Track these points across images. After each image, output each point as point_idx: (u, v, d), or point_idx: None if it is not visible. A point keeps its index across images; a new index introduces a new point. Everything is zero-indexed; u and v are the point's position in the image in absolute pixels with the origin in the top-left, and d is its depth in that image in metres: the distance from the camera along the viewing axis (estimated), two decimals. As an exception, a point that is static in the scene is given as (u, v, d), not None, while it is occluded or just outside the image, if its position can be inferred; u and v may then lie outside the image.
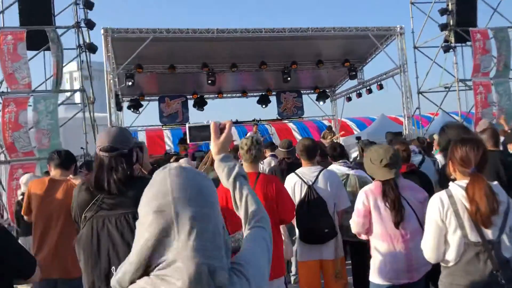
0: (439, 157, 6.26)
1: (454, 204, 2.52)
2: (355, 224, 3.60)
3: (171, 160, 8.17)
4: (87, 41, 11.84)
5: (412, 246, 3.39)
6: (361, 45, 17.50)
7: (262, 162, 7.77)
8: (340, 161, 5.25)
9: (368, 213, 3.49)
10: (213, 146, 1.79)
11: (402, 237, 3.41)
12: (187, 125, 1.87)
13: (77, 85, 13.67)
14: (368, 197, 3.49)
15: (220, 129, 1.80)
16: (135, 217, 2.45)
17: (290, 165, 6.03)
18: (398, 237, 3.41)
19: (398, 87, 16.31)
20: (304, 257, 4.48)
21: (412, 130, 16.12)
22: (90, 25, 11.66)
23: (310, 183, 4.24)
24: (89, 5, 11.59)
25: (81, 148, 11.59)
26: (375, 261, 3.54)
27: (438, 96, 16.68)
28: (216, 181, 5.23)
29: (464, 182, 2.59)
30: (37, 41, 11.36)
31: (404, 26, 15.95)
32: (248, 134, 16.44)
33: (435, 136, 6.07)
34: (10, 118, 10.58)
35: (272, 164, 7.26)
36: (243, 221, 1.56)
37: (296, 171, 4.48)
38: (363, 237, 3.65)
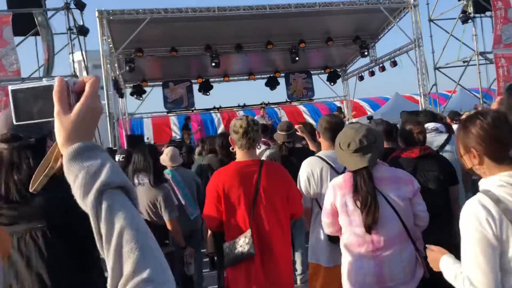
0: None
1: (508, 212, 1.68)
2: (324, 224, 2.96)
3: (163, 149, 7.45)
4: (81, 24, 11.06)
5: (386, 258, 2.65)
6: (373, 20, 16.50)
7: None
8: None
9: (335, 212, 2.81)
10: (59, 128, 0.94)
11: (372, 245, 2.67)
12: (9, 88, 0.96)
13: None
14: (335, 192, 2.80)
15: (76, 93, 0.98)
16: (46, 233, 1.77)
17: (291, 151, 5.26)
18: (368, 244, 2.68)
19: (413, 63, 15.36)
20: (333, 261, 3.42)
21: (429, 108, 15.16)
22: (80, 5, 10.93)
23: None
24: (78, -15, 10.84)
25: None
26: (343, 270, 2.86)
27: (456, 72, 15.74)
28: (207, 168, 4.46)
29: (508, 174, 1.75)
30: (26, 26, 10.66)
31: (419, -2, 14.92)
32: (255, 118, 15.63)
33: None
34: (-1, 108, 9.97)
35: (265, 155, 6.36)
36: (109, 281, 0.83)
37: (319, 154, 3.63)
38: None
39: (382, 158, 3.19)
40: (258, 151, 6.41)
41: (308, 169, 3.52)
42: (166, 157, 5.37)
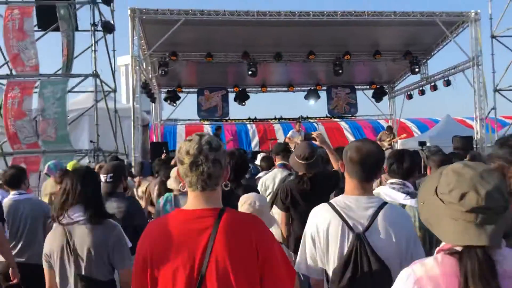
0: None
1: None
2: None
3: (171, 162, 6.48)
4: (107, 20, 10.33)
5: None
6: (426, 34, 15.09)
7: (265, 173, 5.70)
8: (396, 180, 3.15)
9: None
10: None
11: None
12: None
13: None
14: None
15: None
16: None
17: (314, 184, 4.02)
18: None
19: (470, 83, 13.81)
20: None
21: (484, 135, 13.58)
22: (107, 0, 10.18)
23: (360, 228, 2.24)
24: (107, -22, 10.12)
25: (91, 141, 10.18)
26: None
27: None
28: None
29: None
30: (50, 20, 10.02)
31: (480, 11, 13.42)
32: (290, 133, 14.58)
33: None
34: (13, 105, 9.35)
35: (278, 178, 4.98)
36: None
37: (333, 201, 2.40)
38: None
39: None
40: (268, 176, 5.30)
41: (314, 222, 2.35)
42: (173, 180, 4.34)
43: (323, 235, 2.26)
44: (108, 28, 10.13)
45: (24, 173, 4.65)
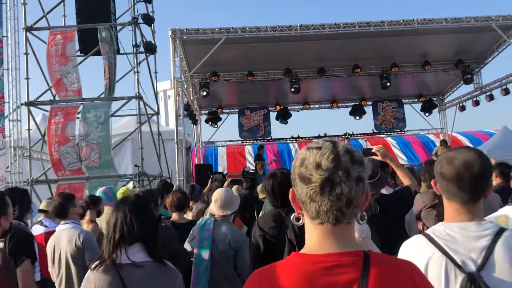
0: None
1: None
2: None
3: (225, 184, 5.97)
4: (148, 41, 10.08)
5: None
6: (479, 40, 14.19)
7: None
8: None
9: None
10: None
11: None
12: None
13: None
14: None
15: None
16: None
17: (384, 207, 3.37)
18: None
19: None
20: None
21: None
22: (148, 20, 9.96)
23: (473, 266, 1.63)
24: (147, -2, 9.90)
25: (135, 165, 9.84)
26: None
27: None
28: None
29: None
30: (91, 44, 9.88)
31: (541, 13, 12.46)
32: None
33: None
34: (56, 131, 9.14)
35: None
36: None
37: (430, 231, 1.77)
38: None
39: None
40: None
41: (409, 256, 1.70)
42: (214, 203, 3.84)
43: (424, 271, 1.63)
44: (151, 48, 9.91)
45: (69, 201, 4.23)
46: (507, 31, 13.13)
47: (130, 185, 10.09)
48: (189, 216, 6.45)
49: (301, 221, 1.25)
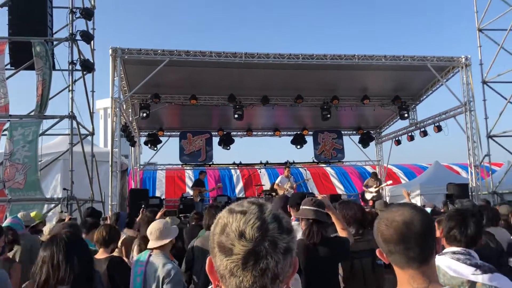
0: None
1: None
2: None
3: (157, 216, 5.67)
4: (86, 58, 9.64)
5: None
6: (416, 78, 14.88)
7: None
8: (459, 249, 2.38)
9: None
10: None
11: None
12: None
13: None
14: None
15: None
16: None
17: (324, 249, 3.37)
18: None
19: (462, 129, 13.45)
20: None
21: (480, 182, 13.10)
22: (87, 37, 9.52)
23: None
24: (87, 14, 9.49)
25: (64, 189, 9.25)
26: None
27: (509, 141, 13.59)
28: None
29: None
30: (23, 58, 9.30)
31: (471, 57, 13.26)
32: (279, 179, 13.83)
33: None
34: (-23, 148, 8.39)
35: (299, 236, 3.66)
36: None
37: None
38: None
39: None
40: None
41: None
42: (149, 237, 3.66)
43: None
44: (88, 67, 9.44)
45: None
46: (440, 71, 13.85)
47: (58, 209, 9.47)
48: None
49: None
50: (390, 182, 15.73)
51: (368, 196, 14.04)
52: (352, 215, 4.03)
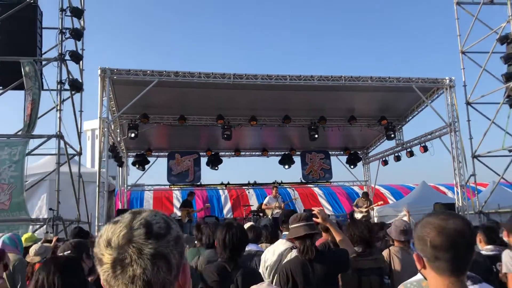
0: None
1: None
2: None
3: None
4: (75, 78, 9.66)
5: None
6: (401, 99, 15.14)
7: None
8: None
9: None
10: None
11: None
12: None
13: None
14: None
15: None
16: None
17: (320, 263, 3.34)
18: None
19: (448, 149, 13.65)
20: None
21: (467, 202, 13.24)
22: (76, 57, 9.57)
23: None
24: (77, 35, 9.56)
25: (50, 209, 9.15)
26: None
27: (499, 162, 13.79)
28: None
29: None
30: (12, 77, 9.29)
31: (455, 78, 13.55)
32: (266, 199, 13.85)
33: None
34: (-38, 168, 8.31)
35: (280, 251, 3.87)
36: None
37: None
38: None
39: None
40: (270, 248, 4.38)
41: None
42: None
43: None
44: (76, 86, 9.47)
45: None
46: (425, 93, 14.10)
47: (43, 229, 9.34)
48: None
49: None
50: (381, 202, 15.82)
51: (357, 215, 14.07)
52: (359, 234, 4.05)
